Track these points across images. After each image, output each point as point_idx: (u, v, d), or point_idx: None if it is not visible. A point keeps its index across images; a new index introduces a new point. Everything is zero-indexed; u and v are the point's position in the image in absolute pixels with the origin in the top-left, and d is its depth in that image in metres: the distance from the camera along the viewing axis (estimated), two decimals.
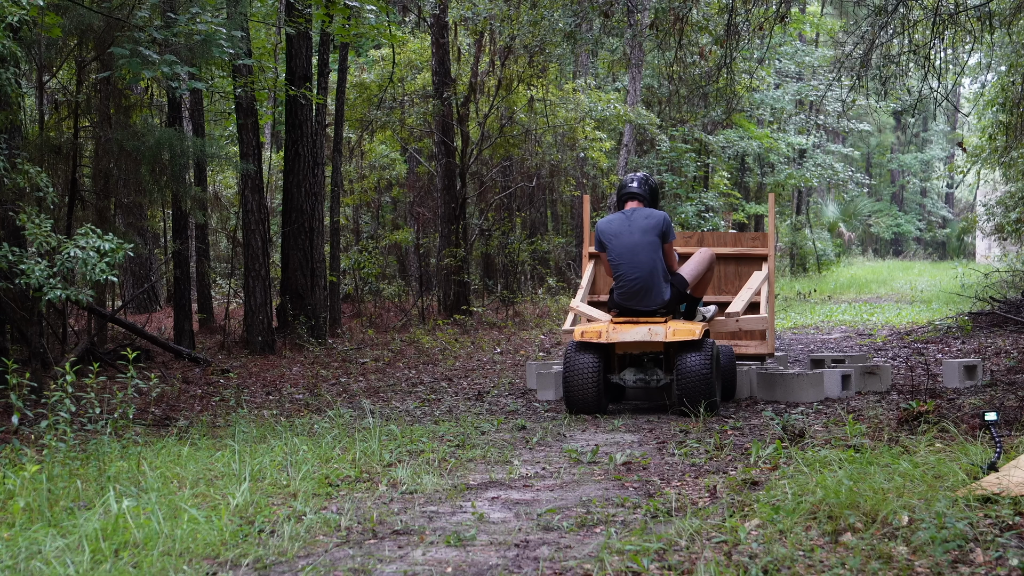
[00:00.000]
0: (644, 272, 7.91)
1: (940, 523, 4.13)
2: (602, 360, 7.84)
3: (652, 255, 7.90)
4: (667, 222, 8.00)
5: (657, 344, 7.83)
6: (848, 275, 28.25)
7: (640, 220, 7.98)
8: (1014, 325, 13.11)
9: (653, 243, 7.92)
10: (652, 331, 7.71)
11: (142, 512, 4.64)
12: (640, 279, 7.93)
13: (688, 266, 8.16)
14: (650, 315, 7.94)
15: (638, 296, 7.96)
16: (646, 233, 7.94)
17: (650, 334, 7.71)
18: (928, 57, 11.16)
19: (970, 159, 19.84)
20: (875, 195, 44.46)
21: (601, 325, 7.87)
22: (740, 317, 8.32)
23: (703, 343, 7.69)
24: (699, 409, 7.51)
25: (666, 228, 7.99)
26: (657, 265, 7.91)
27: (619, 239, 8.00)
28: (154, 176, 10.55)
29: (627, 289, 7.96)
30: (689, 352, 7.65)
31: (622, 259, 7.96)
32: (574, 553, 4.25)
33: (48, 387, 7.49)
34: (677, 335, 7.65)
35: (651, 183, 8.26)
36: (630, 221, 8.01)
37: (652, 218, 8.00)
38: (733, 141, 22.42)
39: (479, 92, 16.75)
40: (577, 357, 7.81)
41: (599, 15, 13.74)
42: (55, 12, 8.55)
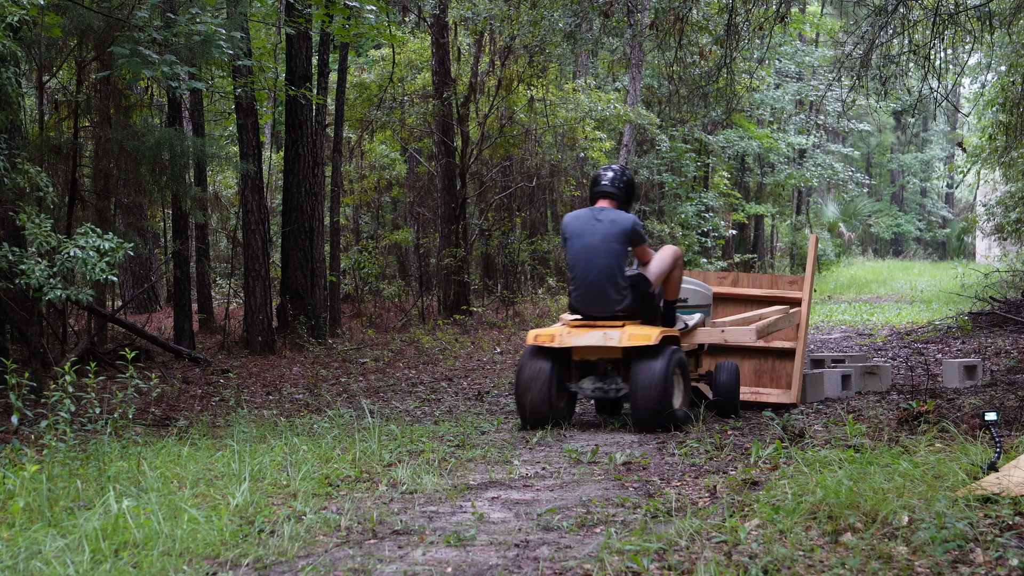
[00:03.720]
0: (599, 277, 7.36)
1: (940, 523, 4.13)
2: (557, 366, 7.30)
3: (610, 261, 7.33)
4: (635, 228, 7.42)
5: (614, 350, 7.26)
6: (848, 275, 28.26)
7: (606, 223, 7.40)
8: (1014, 325, 13.11)
9: (614, 250, 7.35)
10: (607, 336, 7.17)
11: (142, 512, 4.64)
12: (594, 284, 7.38)
13: (651, 266, 7.56)
14: (608, 320, 7.40)
15: (592, 301, 7.44)
16: (608, 239, 7.37)
17: (604, 339, 7.17)
18: (928, 57, 11.15)
19: (970, 159, 19.84)
20: (875, 195, 44.46)
21: (556, 329, 7.36)
22: (726, 328, 7.82)
23: (661, 350, 7.10)
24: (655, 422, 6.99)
25: (634, 235, 7.40)
26: (615, 271, 7.34)
27: (580, 239, 7.46)
28: (154, 176, 10.55)
29: (581, 293, 7.46)
30: (645, 359, 7.08)
31: (578, 260, 7.44)
32: (574, 553, 4.25)
33: (48, 387, 7.49)
34: (632, 340, 7.07)
35: (626, 178, 7.65)
36: (595, 221, 7.44)
37: (618, 224, 7.39)
38: (733, 141, 22.42)
39: (479, 92, 16.75)
40: (529, 363, 7.27)
41: (599, 15, 13.74)
42: (55, 12, 8.56)
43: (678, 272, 7.64)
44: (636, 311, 7.42)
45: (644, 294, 7.45)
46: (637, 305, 7.42)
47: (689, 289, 8.15)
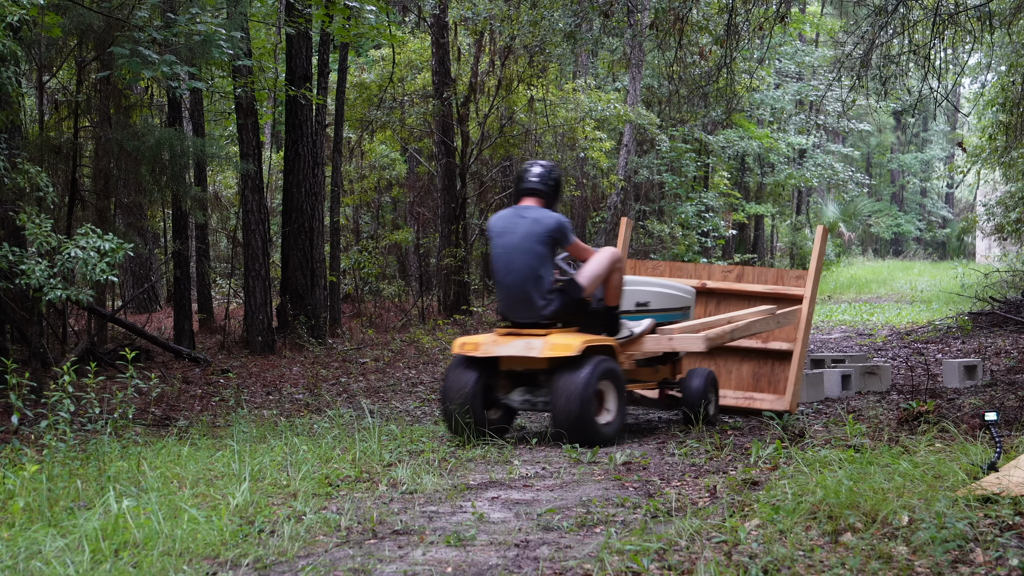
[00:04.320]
0: (518, 279, 6.86)
1: (940, 523, 4.13)
2: (484, 376, 6.85)
3: (533, 262, 6.83)
4: (561, 227, 6.88)
5: (538, 360, 6.74)
6: (848, 275, 28.26)
7: (528, 222, 6.91)
8: (1014, 325, 13.11)
9: (536, 251, 6.85)
10: (529, 345, 6.67)
11: (142, 512, 4.64)
12: (515, 287, 6.89)
13: (584, 270, 6.98)
14: (532, 327, 6.88)
15: (515, 306, 6.94)
16: (529, 239, 6.87)
17: (527, 348, 6.67)
18: (928, 57, 11.15)
19: (970, 159, 19.84)
20: (875, 195, 44.45)
21: (483, 337, 6.90)
22: (674, 336, 7.18)
23: (584, 360, 6.59)
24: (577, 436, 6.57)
25: (558, 234, 6.88)
26: (539, 273, 6.84)
27: (502, 238, 6.97)
28: (154, 176, 10.55)
29: (503, 296, 6.99)
30: (567, 370, 6.59)
31: (499, 262, 6.97)
32: (574, 553, 4.25)
33: (48, 387, 7.49)
34: (554, 350, 6.57)
35: (554, 175, 7.15)
36: (519, 220, 6.97)
37: (542, 223, 6.88)
38: (733, 141, 22.42)
39: (479, 92, 16.75)
40: (453, 373, 6.87)
41: (599, 15, 13.74)
42: (55, 12, 8.55)
43: (617, 276, 7.07)
44: (568, 317, 6.94)
45: (575, 300, 6.91)
46: (568, 311, 6.91)
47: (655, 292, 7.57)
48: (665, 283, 7.68)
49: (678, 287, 7.72)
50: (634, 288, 7.43)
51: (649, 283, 7.60)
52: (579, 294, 6.90)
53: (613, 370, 6.75)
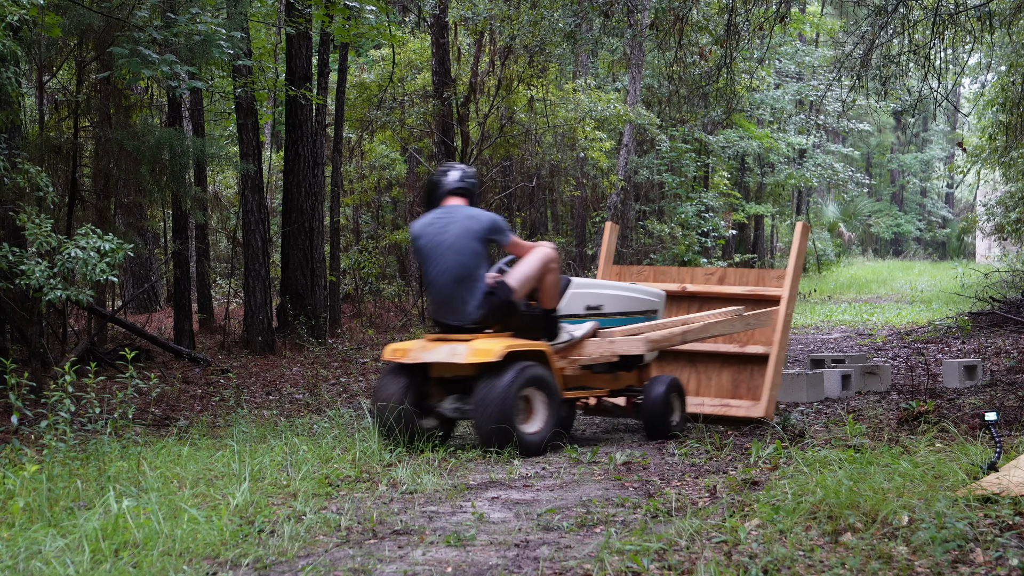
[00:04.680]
0: (448, 278, 6.54)
1: (940, 523, 4.13)
2: (415, 384, 6.56)
3: (466, 260, 6.51)
4: (497, 224, 6.59)
5: (462, 366, 6.43)
6: (848, 275, 28.26)
7: (460, 219, 6.58)
8: (1014, 325, 13.11)
9: (471, 249, 6.52)
10: (454, 351, 6.34)
11: (142, 512, 4.64)
12: (444, 286, 6.57)
13: (515, 271, 6.65)
14: (465, 331, 6.55)
15: (443, 307, 6.63)
16: (463, 235, 6.53)
17: (451, 354, 6.34)
18: (928, 57, 11.15)
19: (970, 159, 19.84)
20: (875, 195, 44.45)
21: (414, 343, 6.60)
22: (615, 339, 6.87)
23: (506, 367, 6.26)
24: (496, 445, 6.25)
25: (494, 229, 6.57)
26: (471, 272, 6.51)
27: (429, 239, 6.63)
28: (154, 176, 10.55)
29: (433, 298, 6.69)
30: (488, 377, 6.27)
31: (430, 263, 6.61)
32: (574, 553, 4.25)
33: (48, 387, 7.49)
34: (475, 356, 6.24)
35: (474, 176, 6.89)
36: (450, 219, 6.62)
37: (476, 219, 6.57)
38: (733, 141, 22.42)
39: (479, 92, 16.75)
40: (384, 380, 6.61)
41: (599, 15, 13.74)
42: (55, 12, 8.55)
43: (552, 277, 6.70)
44: (498, 321, 6.60)
45: (505, 302, 6.55)
46: (497, 314, 6.55)
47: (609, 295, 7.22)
48: (623, 286, 7.37)
49: (641, 290, 7.41)
50: (584, 291, 7.08)
51: (602, 285, 7.26)
52: (509, 296, 6.55)
53: (540, 377, 6.39)
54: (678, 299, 7.96)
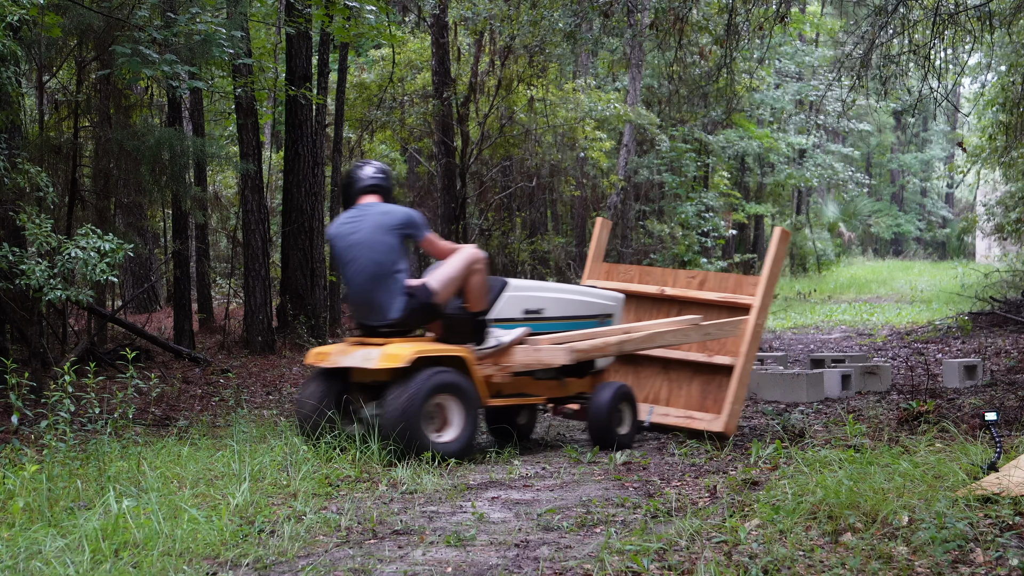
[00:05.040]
0: (366, 278, 6.29)
1: (940, 523, 4.13)
2: (337, 389, 6.34)
3: (380, 257, 6.26)
4: (411, 219, 6.33)
5: (376, 372, 6.18)
6: (848, 275, 28.26)
7: (374, 215, 6.35)
8: (1014, 325, 13.12)
9: (386, 244, 6.26)
10: (368, 355, 6.09)
11: (142, 512, 4.64)
12: (361, 285, 6.33)
13: (437, 272, 6.39)
14: (383, 333, 6.31)
15: (361, 308, 6.40)
16: (377, 231, 6.28)
17: (365, 359, 6.10)
18: (928, 57, 11.15)
19: (970, 159, 19.84)
20: (875, 195, 44.44)
21: (336, 347, 6.38)
22: (540, 347, 6.54)
23: (413, 375, 6.01)
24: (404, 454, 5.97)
25: (410, 225, 6.32)
26: (386, 270, 6.26)
27: (344, 239, 6.39)
28: (154, 176, 10.55)
29: (352, 300, 6.46)
30: (396, 384, 6.05)
31: (344, 263, 6.40)
32: (574, 553, 4.25)
33: (48, 387, 7.49)
34: (385, 360, 6.01)
35: (388, 172, 6.65)
36: (364, 217, 6.39)
37: (392, 215, 6.32)
38: (733, 141, 22.42)
39: (479, 92, 16.75)
40: (306, 385, 6.43)
41: (599, 15, 13.73)
42: (55, 12, 8.55)
43: (478, 278, 6.40)
44: (421, 324, 6.41)
45: (425, 304, 6.30)
46: (416, 316, 6.31)
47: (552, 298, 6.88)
48: (570, 288, 7.09)
49: (592, 293, 7.10)
50: (523, 294, 6.77)
51: (544, 288, 6.95)
52: (429, 298, 6.28)
53: (454, 383, 6.11)
54: (658, 302, 7.63)
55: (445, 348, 6.23)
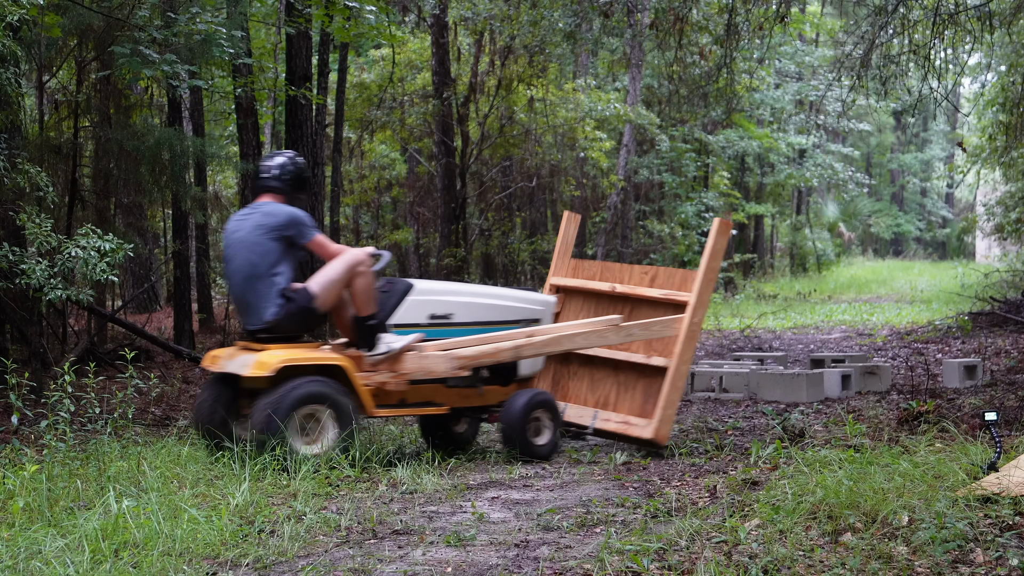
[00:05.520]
0: (241, 280, 6.09)
1: (940, 523, 4.13)
2: (227, 393, 6.15)
3: (255, 259, 6.05)
4: (294, 221, 6.08)
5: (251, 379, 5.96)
6: (848, 275, 28.26)
7: (258, 216, 6.13)
8: (1014, 325, 13.12)
9: (261, 245, 6.05)
10: (244, 362, 5.93)
11: (142, 512, 4.64)
12: (237, 287, 6.15)
13: (318, 275, 6.18)
14: (261, 338, 6.09)
15: (240, 311, 6.23)
16: (255, 231, 6.07)
17: (241, 365, 5.93)
18: (928, 57, 11.15)
19: (970, 159, 19.83)
20: (875, 195, 44.44)
21: (227, 350, 6.23)
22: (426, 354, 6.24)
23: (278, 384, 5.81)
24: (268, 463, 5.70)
25: (293, 230, 6.07)
26: (261, 272, 6.04)
27: (228, 236, 6.24)
28: (154, 176, 10.55)
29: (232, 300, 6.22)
30: (261, 395, 5.88)
31: (225, 260, 6.24)
32: (574, 553, 4.25)
33: (48, 387, 7.49)
34: (256, 368, 5.83)
35: (293, 168, 6.32)
36: (249, 216, 6.20)
37: (273, 216, 6.08)
38: (733, 141, 22.42)
39: (479, 92, 16.75)
40: (203, 389, 6.28)
41: (599, 15, 13.74)
42: (55, 12, 8.55)
43: (362, 281, 6.12)
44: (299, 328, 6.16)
45: (303, 308, 6.06)
46: (294, 321, 6.08)
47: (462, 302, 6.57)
48: (485, 292, 6.79)
49: (513, 297, 6.74)
50: (429, 298, 6.48)
51: (454, 292, 6.63)
52: (308, 302, 6.04)
53: (324, 393, 5.87)
54: (613, 300, 7.14)
55: (320, 356, 6.00)
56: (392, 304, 6.36)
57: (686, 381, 6.71)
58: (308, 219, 6.15)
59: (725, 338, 13.73)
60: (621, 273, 7.20)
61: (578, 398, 7.02)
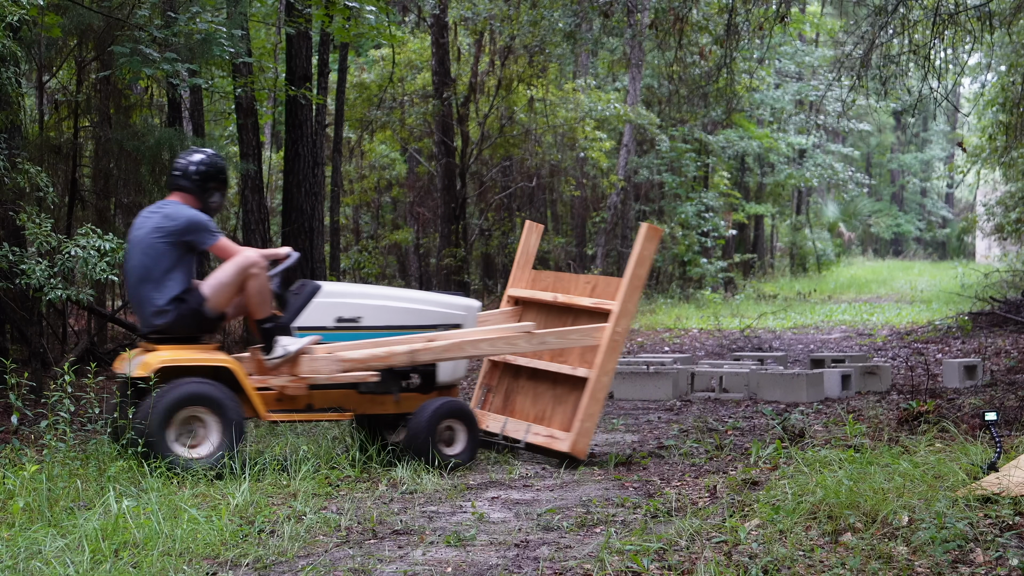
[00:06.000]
0: (134, 281, 6.00)
1: (940, 523, 4.13)
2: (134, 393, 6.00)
3: (147, 261, 5.93)
4: (193, 225, 5.94)
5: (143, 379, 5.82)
6: (848, 275, 28.26)
7: (158, 217, 6.02)
8: (1014, 325, 13.11)
9: (158, 249, 5.91)
10: (135, 363, 5.87)
11: (142, 512, 4.64)
12: (131, 288, 6.07)
13: (210, 277, 6.09)
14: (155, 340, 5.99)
15: (137, 313, 6.13)
16: (152, 234, 5.94)
17: (132, 366, 5.89)
18: (928, 57, 11.15)
19: (970, 159, 19.83)
20: (875, 195, 44.44)
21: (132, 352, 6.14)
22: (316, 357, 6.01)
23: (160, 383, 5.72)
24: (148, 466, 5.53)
25: (192, 234, 5.94)
26: (150, 273, 5.92)
27: (131, 234, 6.13)
28: (154, 176, 10.55)
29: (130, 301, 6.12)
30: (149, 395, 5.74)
31: (125, 259, 6.17)
32: (574, 553, 4.25)
33: (48, 387, 7.48)
34: (140, 369, 5.76)
35: (204, 167, 6.17)
36: (150, 216, 6.09)
37: (171, 217, 5.96)
38: (733, 141, 22.42)
39: (479, 92, 16.75)
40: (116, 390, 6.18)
41: (599, 15, 13.75)
42: (55, 12, 8.56)
43: (255, 283, 5.96)
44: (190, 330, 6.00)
45: (194, 310, 5.94)
46: (184, 323, 5.95)
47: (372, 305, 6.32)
48: (400, 295, 6.54)
49: (429, 301, 6.50)
50: (337, 300, 6.27)
51: (364, 295, 6.41)
52: (199, 305, 5.94)
53: (204, 395, 5.74)
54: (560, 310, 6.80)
55: (204, 357, 5.87)
56: (298, 306, 6.20)
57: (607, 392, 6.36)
58: (209, 224, 6.00)
59: (725, 338, 13.73)
60: (568, 283, 6.88)
61: (521, 412, 6.71)
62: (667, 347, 12.88)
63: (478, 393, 6.99)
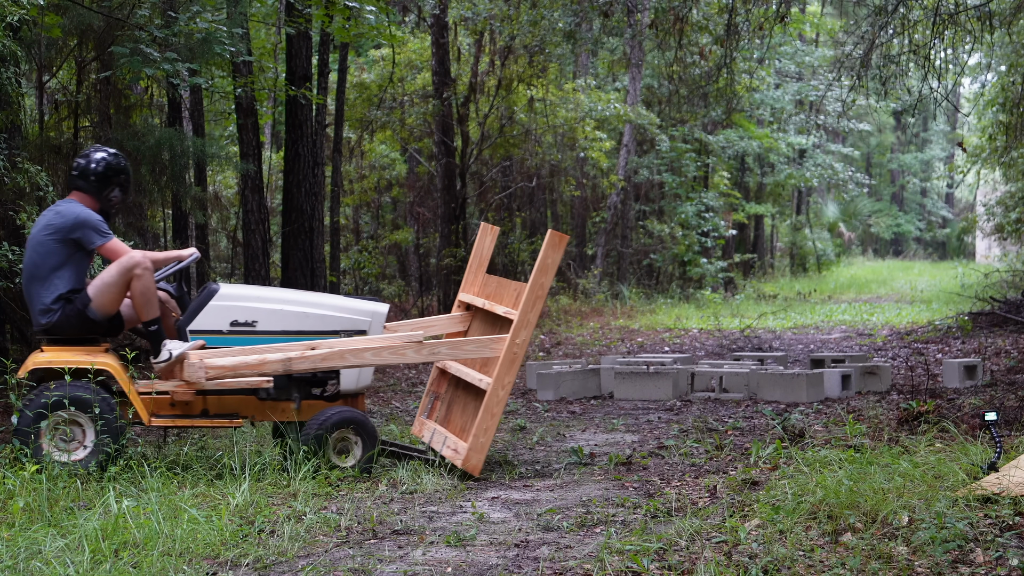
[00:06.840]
0: (25, 279, 5.94)
1: (940, 523, 4.13)
2: None
3: (35, 259, 5.87)
4: (79, 224, 5.82)
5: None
6: (848, 275, 28.26)
7: (50, 215, 5.94)
8: (1014, 325, 13.12)
9: (43, 247, 5.84)
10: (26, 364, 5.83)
11: (142, 512, 4.64)
12: (23, 287, 6.00)
13: (96, 279, 5.95)
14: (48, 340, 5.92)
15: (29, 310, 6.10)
16: (40, 232, 5.88)
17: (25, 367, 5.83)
18: (928, 57, 11.15)
19: (970, 159, 19.84)
20: (875, 195, 44.44)
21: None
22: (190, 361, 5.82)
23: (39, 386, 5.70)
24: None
25: (78, 233, 5.83)
26: (38, 272, 5.85)
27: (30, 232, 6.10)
28: (154, 176, 10.56)
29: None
30: None
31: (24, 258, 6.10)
32: (574, 553, 4.25)
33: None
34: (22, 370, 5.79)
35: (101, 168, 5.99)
36: (45, 214, 6.04)
37: (60, 215, 5.88)
38: (733, 141, 22.43)
39: (479, 92, 16.75)
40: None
41: (599, 15, 13.75)
42: (55, 12, 8.56)
43: (140, 285, 5.80)
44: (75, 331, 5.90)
45: (77, 312, 5.85)
46: (69, 324, 5.86)
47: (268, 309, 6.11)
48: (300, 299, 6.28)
49: (331, 306, 6.24)
50: (232, 304, 6.07)
51: (261, 298, 6.19)
52: (84, 306, 5.84)
53: (78, 398, 5.66)
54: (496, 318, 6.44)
55: (82, 360, 5.76)
56: (193, 309, 6.06)
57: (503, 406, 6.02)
58: (99, 224, 5.87)
59: (725, 338, 13.73)
60: (503, 290, 6.54)
61: (453, 423, 6.44)
62: (667, 347, 12.88)
63: (425, 401, 6.76)
